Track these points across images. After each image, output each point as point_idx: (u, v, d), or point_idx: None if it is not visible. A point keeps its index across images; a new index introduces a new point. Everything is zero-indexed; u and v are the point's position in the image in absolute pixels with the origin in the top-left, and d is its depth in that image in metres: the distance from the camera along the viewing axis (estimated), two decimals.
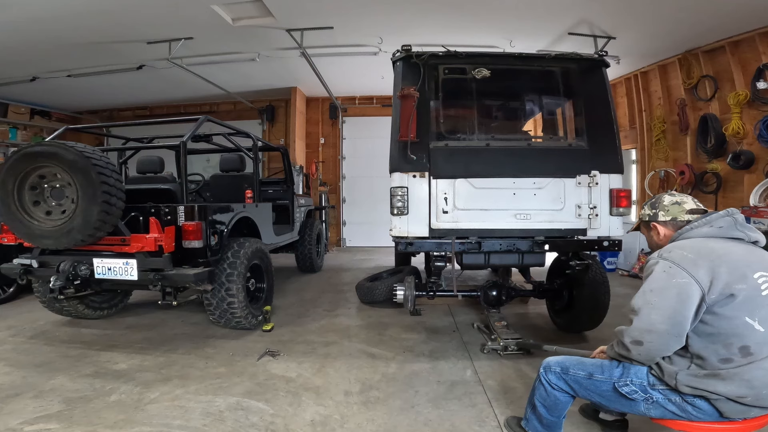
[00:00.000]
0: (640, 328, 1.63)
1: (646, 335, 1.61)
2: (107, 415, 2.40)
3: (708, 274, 1.55)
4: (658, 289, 1.61)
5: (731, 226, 1.70)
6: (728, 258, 1.58)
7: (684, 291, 1.56)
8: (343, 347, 3.52)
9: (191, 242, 3.29)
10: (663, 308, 1.58)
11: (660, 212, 1.90)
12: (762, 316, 1.52)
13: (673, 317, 1.56)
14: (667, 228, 1.89)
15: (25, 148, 3.01)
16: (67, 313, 4.00)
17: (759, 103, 5.34)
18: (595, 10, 5.09)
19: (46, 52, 6.11)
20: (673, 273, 1.59)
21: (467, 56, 3.49)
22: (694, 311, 1.55)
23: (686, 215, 1.84)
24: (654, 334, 1.59)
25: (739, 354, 1.53)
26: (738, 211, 1.77)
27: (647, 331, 1.61)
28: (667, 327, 1.57)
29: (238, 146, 5.15)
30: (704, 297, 1.54)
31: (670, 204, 1.89)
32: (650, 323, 1.60)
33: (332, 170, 9.80)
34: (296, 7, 5.05)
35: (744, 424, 1.59)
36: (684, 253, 1.63)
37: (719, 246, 1.64)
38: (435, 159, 3.30)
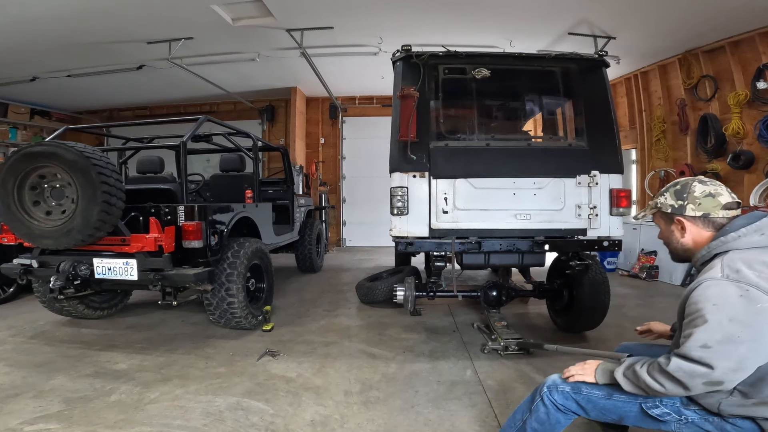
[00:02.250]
0: (727, 368, 1.32)
1: (731, 374, 1.32)
2: (107, 415, 2.40)
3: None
4: (742, 319, 1.31)
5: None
6: None
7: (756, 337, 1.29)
8: (343, 347, 3.52)
9: (191, 242, 3.29)
10: (754, 341, 1.30)
11: (689, 204, 1.57)
12: None
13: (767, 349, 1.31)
14: (697, 226, 1.58)
15: (25, 148, 3.01)
16: (67, 313, 4.00)
17: (759, 103, 5.34)
18: (595, 10, 5.09)
19: (46, 52, 6.11)
20: (754, 297, 1.31)
21: (467, 56, 3.49)
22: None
23: (721, 211, 1.54)
24: (743, 372, 1.32)
25: None
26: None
27: (734, 370, 1.31)
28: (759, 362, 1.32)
29: (238, 146, 5.15)
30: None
31: (703, 196, 1.56)
32: (739, 360, 1.31)
33: (332, 170, 9.80)
34: (296, 7, 5.05)
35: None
36: (755, 273, 1.36)
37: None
38: (435, 159, 3.30)
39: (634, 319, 4.29)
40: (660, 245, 6.14)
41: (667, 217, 1.66)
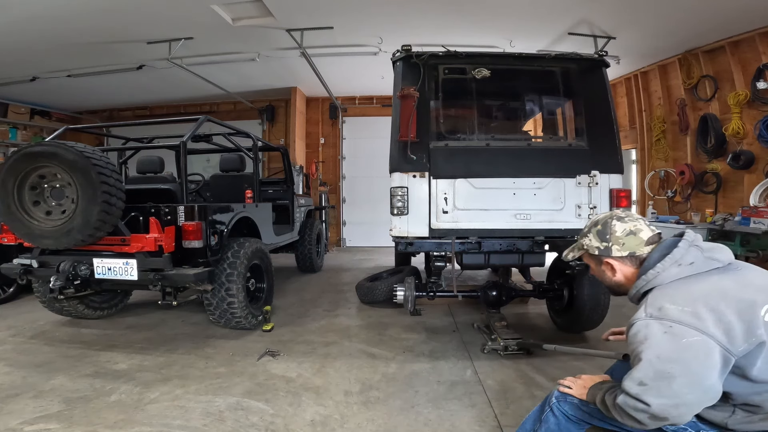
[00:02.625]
0: (664, 404, 1.33)
1: (673, 410, 1.33)
2: (107, 415, 2.40)
3: (718, 326, 1.31)
4: (669, 355, 1.33)
5: (701, 258, 1.46)
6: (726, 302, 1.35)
7: (703, 351, 1.31)
8: (343, 347, 3.52)
9: (191, 242, 3.29)
10: (686, 376, 1.30)
11: (614, 246, 1.60)
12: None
13: (703, 383, 1.31)
14: (626, 264, 1.60)
15: (25, 148, 3.01)
16: (67, 313, 4.00)
17: (759, 103, 5.34)
18: (595, 10, 5.09)
19: (46, 52, 6.11)
20: (677, 333, 1.33)
21: (467, 56, 3.49)
22: (720, 369, 1.31)
23: (645, 248, 1.57)
24: (684, 407, 1.33)
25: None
26: (690, 233, 1.55)
27: (674, 405, 1.33)
28: (698, 395, 1.32)
29: (238, 146, 5.15)
30: (729, 350, 1.30)
31: (624, 235, 1.59)
32: (674, 396, 1.32)
33: (332, 170, 9.80)
34: (296, 7, 5.05)
35: None
36: (677, 308, 1.37)
37: (706, 286, 1.41)
38: (435, 159, 3.30)
39: None
40: None
41: (595, 259, 1.68)
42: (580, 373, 2.84)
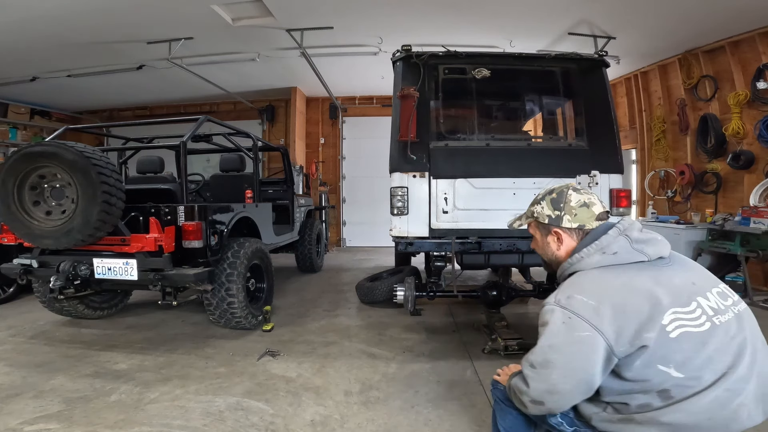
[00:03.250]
0: (541, 389, 1.40)
1: (547, 396, 1.39)
2: (107, 415, 2.40)
3: (613, 324, 1.31)
4: (558, 346, 1.37)
5: (627, 249, 1.43)
6: (634, 301, 1.34)
7: (588, 347, 1.32)
8: (343, 347, 3.52)
9: (191, 242, 3.29)
10: (565, 368, 1.35)
11: (566, 216, 1.56)
12: (677, 362, 1.30)
13: (579, 376, 1.35)
14: (571, 238, 1.57)
15: (25, 148, 3.01)
16: (67, 313, 4.00)
17: (759, 103, 5.34)
18: (595, 10, 5.09)
19: (46, 52, 6.11)
20: (574, 325, 1.35)
21: (467, 56, 3.49)
22: (602, 366, 1.33)
23: (595, 222, 1.54)
24: (557, 395, 1.38)
25: (658, 398, 1.33)
26: (632, 220, 1.51)
27: (549, 392, 1.39)
28: (572, 387, 1.37)
29: (238, 146, 5.15)
30: (612, 350, 1.32)
31: (578, 206, 1.56)
32: (552, 384, 1.38)
33: (332, 170, 9.80)
34: (296, 7, 5.05)
35: None
36: (583, 298, 1.37)
37: (621, 281, 1.39)
38: (435, 159, 3.30)
39: None
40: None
41: (543, 228, 1.64)
42: None
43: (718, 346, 1.31)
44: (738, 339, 1.34)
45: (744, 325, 1.38)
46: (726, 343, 1.32)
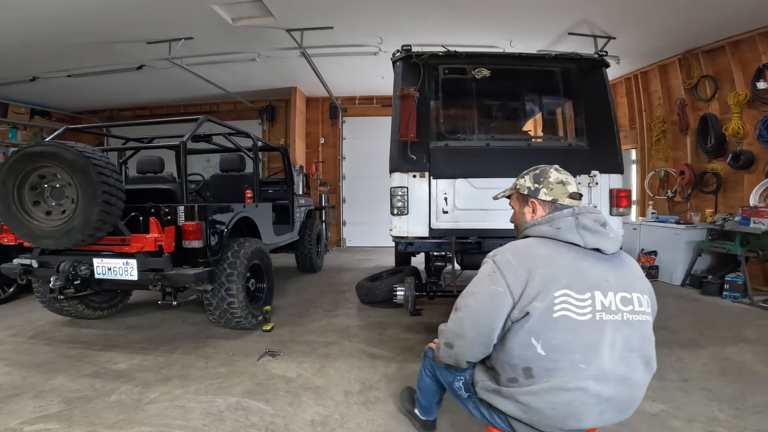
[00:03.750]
0: (454, 331, 1.56)
1: (457, 339, 1.55)
2: (107, 415, 2.40)
3: (520, 287, 1.43)
4: (478, 293, 1.51)
5: (571, 229, 1.53)
6: (544, 270, 1.44)
7: (498, 301, 1.45)
8: (343, 347, 3.52)
9: (191, 242, 3.29)
10: (476, 314, 1.50)
11: (543, 189, 1.68)
12: (546, 340, 1.40)
13: (483, 327, 1.48)
14: (545, 209, 1.68)
15: (25, 148, 3.01)
16: (67, 313, 4.00)
17: (759, 103, 5.34)
18: (595, 10, 5.09)
19: (46, 52, 6.11)
20: (494, 279, 1.48)
21: (467, 56, 3.49)
22: (502, 323, 1.46)
23: (567, 199, 1.66)
24: (463, 340, 1.53)
25: (522, 375, 1.44)
26: (591, 208, 1.62)
27: (458, 336, 1.55)
28: (475, 335, 1.50)
29: (238, 146, 5.15)
30: (513, 309, 1.44)
31: (556, 182, 1.68)
32: (462, 328, 1.53)
33: (332, 170, 9.79)
34: (296, 7, 5.05)
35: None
36: (510, 258, 1.50)
37: (547, 253, 1.50)
38: (435, 159, 3.30)
39: None
40: (660, 245, 6.15)
41: (522, 199, 1.76)
42: None
43: (587, 340, 1.39)
44: (609, 341, 1.40)
45: (622, 330, 1.42)
46: (595, 340, 1.40)
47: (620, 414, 1.46)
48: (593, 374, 1.39)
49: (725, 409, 2.46)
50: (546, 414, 1.42)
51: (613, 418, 1.45)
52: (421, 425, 2.20)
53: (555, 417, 1.41)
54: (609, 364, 1.40)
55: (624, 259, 1.58)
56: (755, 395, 2.62)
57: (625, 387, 1.43)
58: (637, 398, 1.49)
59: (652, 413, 2.43)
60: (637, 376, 1.45)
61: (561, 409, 1.40)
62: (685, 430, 2.26)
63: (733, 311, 4.53)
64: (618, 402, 1.44)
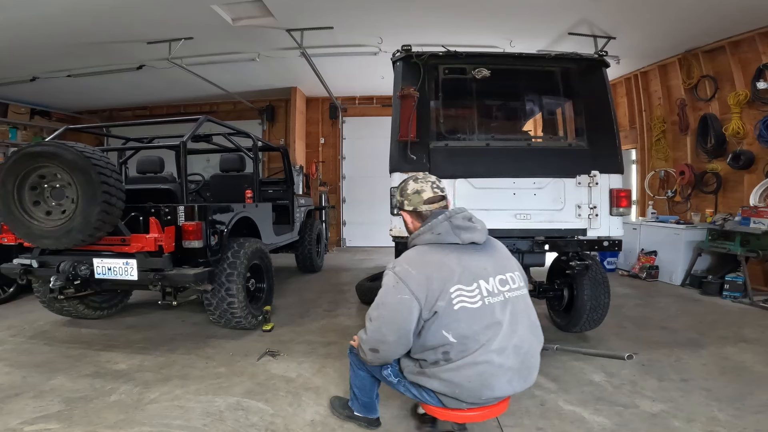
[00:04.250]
0: (375, 339, 1.78)
1: (380, 345, 1.78)
2: (107, 415, 2.40)
3: (423, 292, 1.69)
4: (387, 303, 1.75)
5: (448, 232, 1.79)
6: (438, 274, 1.71)
7: (407, 307, 1.69)
8: (343, 347, 3.51)
9: (191, 242, 3.29)
10: (391, 321, 1.73)
11: (405, 201, 1.95)
12: (454, 329, 1.68)
13: (400, 330, 1.72)
14: (414, 219, 1.94)
15: (25, 148, 3.01)
16: (67, 313, 4.00)
17: (759, 103, 5.34)
18: (595, 10, 5.09)
19: (46, 52, 6.11)
20: (399, 289, 1.71)
21: (467, 56, 3.48)
22: (415, 324, 1.71)
23: (424, 206, 1.90)
24: (386, 345, 1.77)
25: (442, 358, 1.72)
26: (459, 209, 1.86)
27: (380, 342, 1.77)
28: (396, 338, 1.74)
29: (238, 146, 5.15)
30: (422, 312, 1.69)
31: (412, 193, 1.93)
32: (382, 335, 1.76)
33: (332, 170, 9.80)
34: (296, 7, 5.05)
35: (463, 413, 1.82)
36: (408, 268, 1.74)
37: (436, 258, 1.76)
38: (435, 159, 3.30)
39: (634, 319, 4.29)
40: (660, 245, 6.15)
41: (399, 212, 2.03)
42: (579, 373, 2.86)
43: (483, 322, 1.69)
44: (498, 319, 1.71)
45: (507, 308, 1.74)
46: (489, 320, 1.70)
47: (525, 382, 1.77)
48: (494, 349, 1.68)
49: (725, 409, 2.46)
50: (465, 386, 1.69)
51: (520, 386, 1.75)
52: (367, 423, 2.31)
53: (473, 388, 1.69)
54: (504, 338, 1.70)
55: (494, 245, 1.93)
56: (755, 395, 2.63)
57: (521, 356, 1.73)
58: (534, 366, 1.80)
59: (652, 413, 2.43)
60: (527, 344, 1.76)
61: (476, 381, 1.68)
62: (685, 430, 2.26)
63: (733, 311, 4.54)
64: (519, 370, 1.73)
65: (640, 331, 3.90)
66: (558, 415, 2.42)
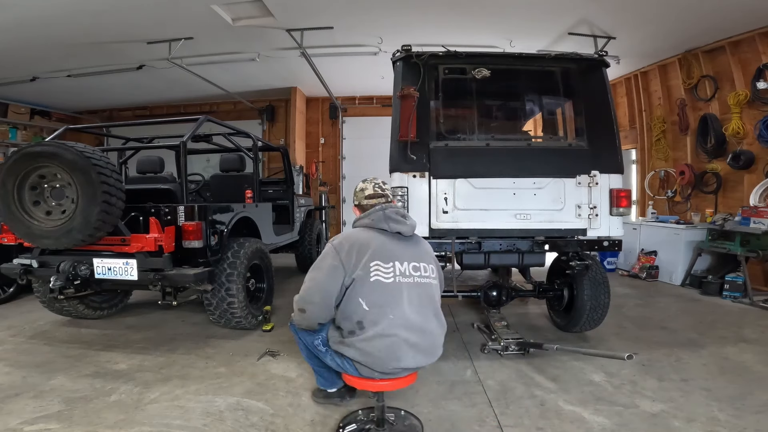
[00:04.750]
0: (304, 299, 2.06)
1: (307, 305, 2.05)
2: (107, 415, 2.40)
3: (349, 261, 1.99)
4: (321, 267, 2.04)
5: (380, 220, 2.13)
6: (363, 248, 2.02)
7: (333, 272, 1.99)
8: None
9: (191, 242, 3.29)
10: (319, 284, 2.02)
11: (355, 197, 2.36)
12: (368, 298, 1.97)
13: (324, 293, 2.01)
14: (359, 210, 2.32)
15: (25, 148, 3.01)
16: (67, 313, 4.00)
17: (759, 103, 5.34)
18: (595, 10, 5.09)
19: (46, 52, 6.11)
20: (332, 257, 2.02)
21: (467, 56, 3.48)
22: (339, 288, 2.00)
23: (365, 200, 2.28)
24: (312, 305, 2.05)
25: (357, 327, 1.98)
26: (395, 206, 2.23)
27: (308, 302, 2.05)
28: (320, 300, 2.02)
29: (238, 146, 5.15)
30: (345, 278, 1.99)
31: (359, 191, 2.34)
32: (310, 296, 2.04)
33: (332, 170, 9.80)
34: (296, 7, 5.05)
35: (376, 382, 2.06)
36: (342, 241, 2.06)
37: (365, 237, 2.08)
38: (435, 159, 3.30)
39: (634, 319, 4.29)
40: (660, 245, 6.15)
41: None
42: (579, 373, 2.86)
43: (393, 297, 1.98)
44: (406, 297, 1.99)
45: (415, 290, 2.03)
46: (397, 297, 1.98)
47: (428, 357, 2.04)
48: (401, 324, 1.95)
49: (725, 409, 2.46)
50: (376, 356, 1.95)
51: (424, 361, 2.03)
52: (340, 397, 2.54)
53: (382, 358, 1.95)
54: (409, 316, 1.98)
55: (418, 240, 2.24)
56: (755, 395, 2.63)
57: (424, 334, 2.01)
58: (437, 345, 2.08)
59: (652, 413, 2.43)
60: (431, 326, 2.06)
61: (385, 352, 1.94)
62: (685, 430, 2.26)
63: (733, 311, 4.54)
64: (423, 347, 2.00)
65: (640, 331, 3.90)
66: (558, 415, 2.42)
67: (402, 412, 2.41)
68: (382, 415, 2.19)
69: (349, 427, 2.24)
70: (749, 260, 4.99)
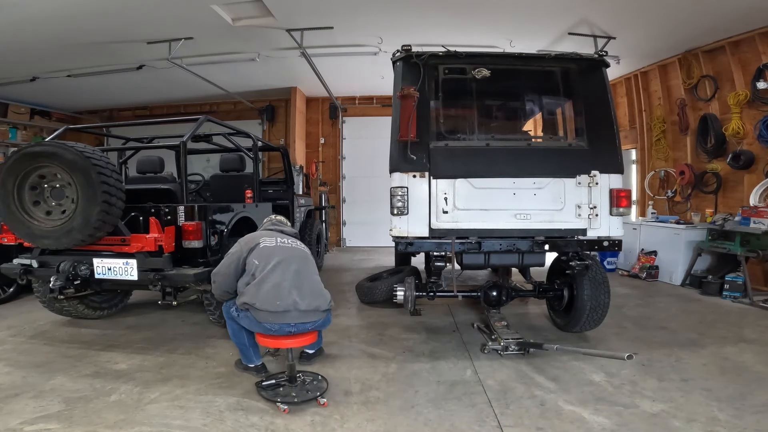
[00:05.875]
0: (216, 271, 2.88)
1: (217, 277, 2.86)
2: (107, 415, 2.40)
3: (247, 246, 2.81)
4: (230, 254, 2.85)
5: (270, 224, 3.10)
6: (257, 238, 2.87)
7: (237, 254, 2.80)
8: (343, 347, 3.52)
9: (191, 242, 3.29)
10: (226, 261, 2.83)
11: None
12: (258, 255, 2.74)
13: (228, 267, 2.81)
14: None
15: (25, 148, 3.01)
16: (67, 313, 4.00)
17: (759, 103, 5.34)
18: (595, 10, 5.09)
19: (46, 52, 6.11)
20: (239, 246, 2.84)
21: (467, 56, 3.48)
22: (237, 264, 2.78)
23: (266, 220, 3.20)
24: (219, 276, 2.85)
25: (251, 279, 2.70)
26: (280, 218, 3.20)
27: (217, 274, 2.86)
28: (224, 272, 2.82)
29: (238, 146, 5.15)
30: (241, 257, 2.77)
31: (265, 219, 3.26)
32: (219, 269, 2.86)
33: (332, 170, 9.79)
34: (296, 7, 5.05)
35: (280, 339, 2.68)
36: (247, 237, 2.92)
37: (259, 234, 2.94)
38: (435, 159, 3.30)
39: (634, 319, 4.29)
40: (660, 245, 6.15)
41: None
42: (579, 373, 2.86)
43: (276, 251, 2.78)
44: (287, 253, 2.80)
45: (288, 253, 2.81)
46: (280, 252, 2.78)
47: (306, 302, 2.67)
48: (277, 273, 2.68)
49: (725, 409, 2.46)
50: (264, 296, 2.61)
51: (303, 305, 2.65)
52: (255, 371, 2.95)
53: (269, 297, 2.61)
54: (289, 265, 2.74)
55: (296, 240, 3.00)
56: (755, 395, 2.63)
57: (297, 280, 2.71)
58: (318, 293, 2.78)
59: (652, 413, 2.43)
60: (302, 277, 2.75)
61: (270, 293, 2.62)
62: (685, 430, 2.26)
63: (733, 311, 4.54)
64: (302, 293, 2.68)
65: (640, 331, 3.90)
66: (558, 415, 2.42)
67: (319, 376, 2.84)
68: (292, 372, 2.70)
69: (268, 381, 2.73)
70: (749, 260, 4.99)
